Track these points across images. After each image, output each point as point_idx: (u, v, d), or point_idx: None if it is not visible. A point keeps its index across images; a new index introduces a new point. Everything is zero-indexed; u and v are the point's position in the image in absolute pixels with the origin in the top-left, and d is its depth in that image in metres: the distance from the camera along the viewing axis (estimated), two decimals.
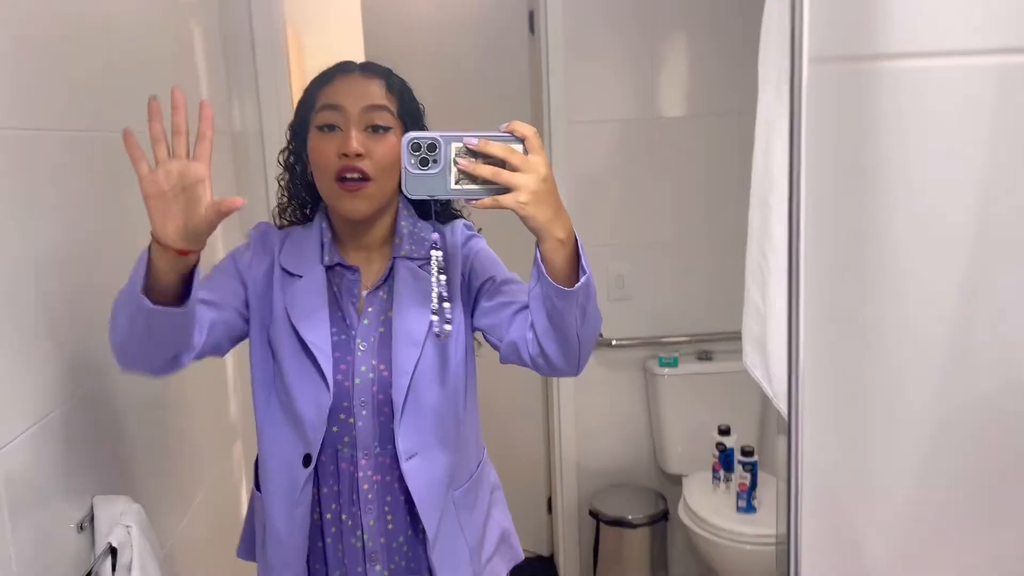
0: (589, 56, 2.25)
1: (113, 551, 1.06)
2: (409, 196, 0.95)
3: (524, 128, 0.93)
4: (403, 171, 0.93)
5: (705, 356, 2.36)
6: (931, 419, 0.74)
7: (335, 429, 1.16)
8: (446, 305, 1.09)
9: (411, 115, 1.18)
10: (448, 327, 1.09)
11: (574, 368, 1.09)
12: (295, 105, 1.22)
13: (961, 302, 0.73)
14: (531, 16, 2.33)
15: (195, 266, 0.97)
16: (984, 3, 0.68)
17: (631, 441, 2.46)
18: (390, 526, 1.18)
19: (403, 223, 1.20)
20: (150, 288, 0.94)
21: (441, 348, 1.16)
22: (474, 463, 1.27)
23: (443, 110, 2.50)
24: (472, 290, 1.18)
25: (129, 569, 1.06)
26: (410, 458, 1.15)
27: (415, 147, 0.92)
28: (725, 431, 2.14)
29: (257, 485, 1.24)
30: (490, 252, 1.21)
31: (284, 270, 1.18)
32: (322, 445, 1.16)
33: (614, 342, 2.36)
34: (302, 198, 1.23)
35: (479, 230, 1.26)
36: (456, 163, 0.92)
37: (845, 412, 0.74)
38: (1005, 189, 0.72)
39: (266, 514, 1.20)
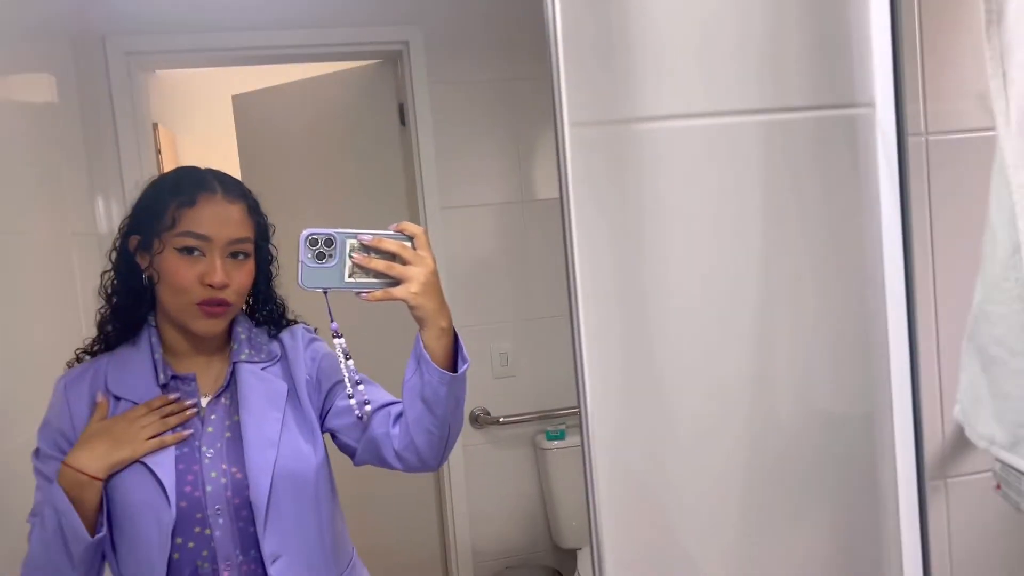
0: (459, 143, 2.34)
1: None
2: (304, 288, 0.99)
3: (413, 227, 1.03)
4: (300, 264, 0.98)
5: None
6: (736, 442, 0.84)
7: (191, 545, 1.10)
8: (360, 388, 1.12)
9: (264, 236, 1.20)
10: (368, 407, 1.12)
11: (438, 461, 1.13)
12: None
13: (754, 341, 0.84)
14: (401, 108, 2.41)
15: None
16: (710, 73, 0.81)
17: (525, 519, 2.45)
18: None
19: (239, 329, 1.21)
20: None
21: (299, 448, 1.15)
22: (343, 561, 1.23)
23: (320, 202, 2.55)
24: (322, 392, 1.19)
25: None
26: (275, 561, 1.11)
27: (312, 242, 0.98)
28: None
29: None
30: (334, 354, 1.19)
31: (116, 396, 1.13)
32: (179, 567, 1.10)
33: (501, 419, 2.38)
34: (129, 306, 1.17)
35: (315, 329, 1.28)
36: (351, 257, 0.99)
37: (647, 430, 0.84)
38: (764, 233, 0.84)
39: None
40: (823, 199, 0.83)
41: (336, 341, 1.07)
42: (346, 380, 1.09)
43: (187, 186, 1.13)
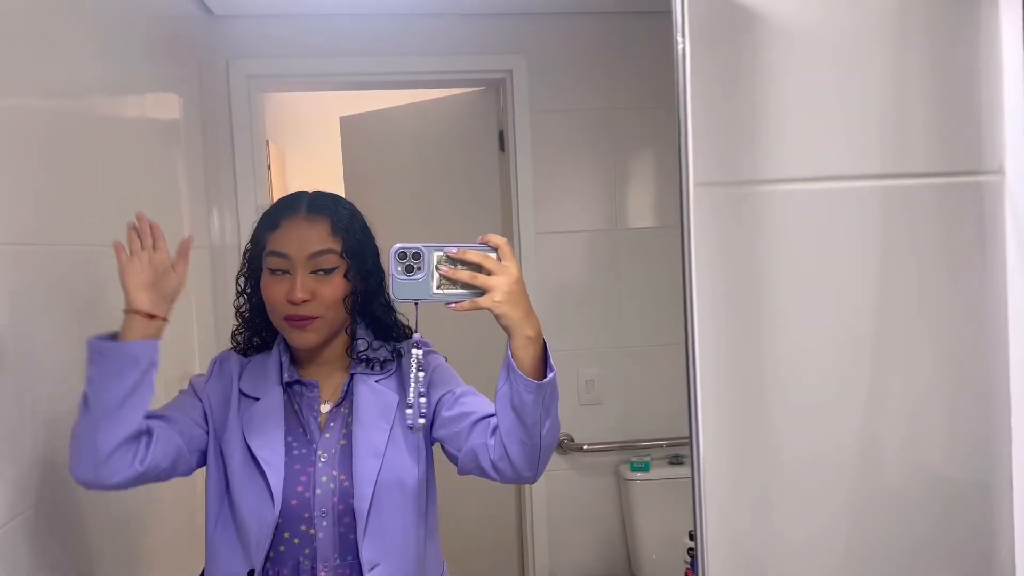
0: (556, 170, 2.37)
1: None
2: (396, 299, 1.05)
3: (497, 239, 1.05)
4: (391, 278, 1.03)
5: (676, 460, 2.38)
6: (842, 506, 0.83)
7: (296, 541, 1.17)
8: (422, 400, 1.12)
9: (357, 249, 1.23)
10: (422, 420, 1.12)
11: (534, 471, 1.13)
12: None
13: (864, 405, 0.84)
14: (501, 134, 2.45)
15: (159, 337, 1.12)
16: (831, 137, 0.82)
17: (604, 548, 2.44)
18: None
19: (359, 342, 1.26)
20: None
21: (402, 460, 1.20)
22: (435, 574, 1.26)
23: (419, 221, 2.62)
24: (432, 403, 1.23)
25: None
26: (372, 568, 1.16)
27: (402, 256, 1.02)
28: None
29: None
30: (447, 366, 1.28)
31: (243, 393, 1.23)
32: (283, 558, 1.17)
33: (585, 447, 2.38)
34: (256, 323, 1.28)
35: (432, 346, 1.32)
36: (438, 269, 1.03)
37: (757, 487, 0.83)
38: (881, 297, 0.84)
39: None
40: (944, 263, 0.81)
41: (414, 352, 1.09)
42: (410, 391, 1.10)
43: (276, 212, 1.24)
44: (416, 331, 1.11)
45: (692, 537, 2.29)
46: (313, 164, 3.32)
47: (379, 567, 1.17)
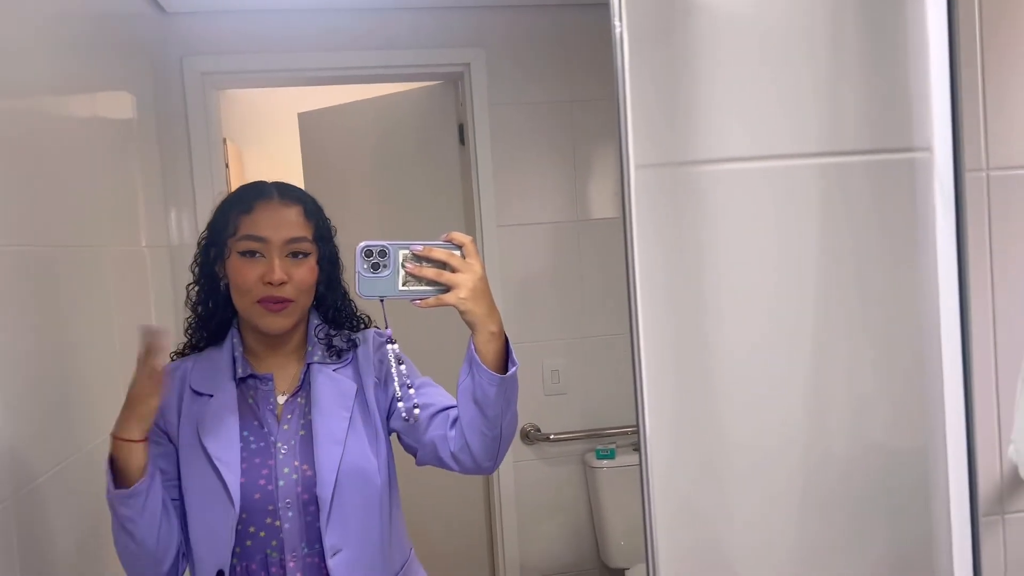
0: (516, 163, 2.38)
1: None
2: (362, 296, 1.05)
3: (462, 237, 1.07)
4: (356, 275, 1.04)
5: None
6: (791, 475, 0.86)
7: (262, 534, 1.18)
8: (411, 391, 1.18)
9: (324, 237, 1.26)
10: (417, 411, 1.18)
11: (492, 461, 1.17)
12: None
13: (808, 378, 0.88)
14: (460, 128, 2.46)
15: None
16: (769, 117, 0.84)
17: (573, 536, 2.47)
18: None
19: (314, 332, 1.27)
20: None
21: (362, 447, 1.21)
22: (399, 560, 1.28)
23: (379, 216, 2.61)
24: (388, 394, 1.25)
25: None
26: (335, 554, 1.18)
27: (368, 253, 1.04)
28: None
29: None
30: (403, 357, 1.27)
31: (194, 391, 1.22)
32: (250, 552, 1.18)
33: (552, 436, 2.40)
34: (211, 312, 1.26)
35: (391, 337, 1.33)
36: (404, 267, 1.04)
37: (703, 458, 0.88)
38: (820, 272, 0.87)
39: None
40: (880, 240, 0.85)
41: (389, 347, 1.13)
42: (395, 385, 1.15)
43: (247, 196, 1.23)
44: (388, 327, 1.12)
45: None
46: (272, 161, 3.29)
47: (342, 552, 1.18)
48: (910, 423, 0.85)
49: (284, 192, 1.24)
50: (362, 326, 1.33)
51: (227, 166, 2.64)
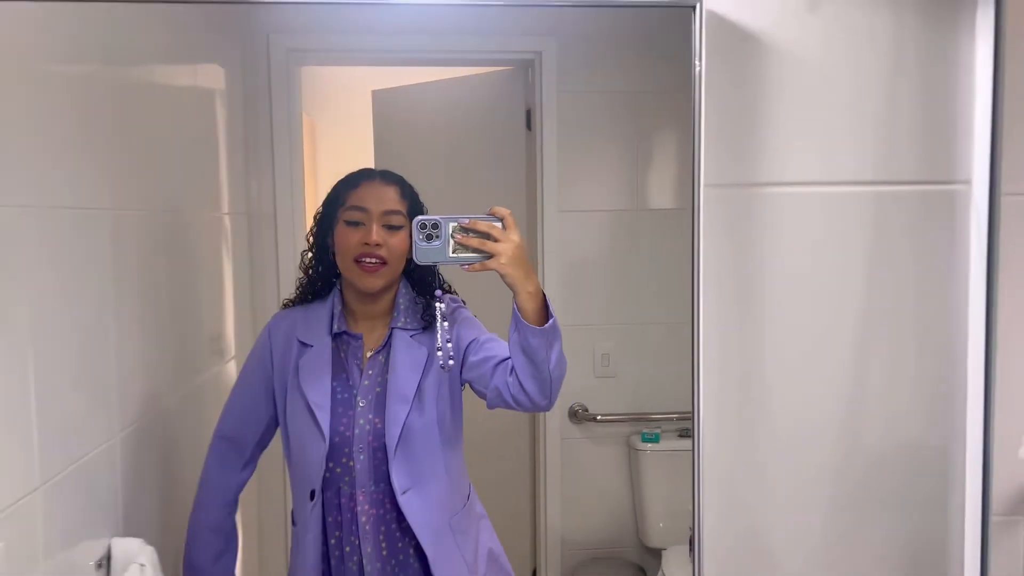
0: (580, 150, 2.44)
1: None
2: (417, 262, 1.25)
3: (502, 210, 1.26)
4: (413, 244, 1.23)
5: (686, 433, 2.47)
6: (827, 466, 0.96)
7: (338, 470, 1.42)
8: (448, 345, 1.40)
9: (416, 213, 1.47)
10: (451, 362, 1.41)
11: (547, 400, 1.35)
12: (306, 190, 1.60)
13: (848, 381, 0.98)
14: (528, 113, 2.53)
15: None
16: (829, 147, 0.97)
17: (614, 515, 2.55)
18: (384, 552, 1.44)
19: (401, 300, 1.48)
20: None
21: (425, 406, 1.44)
22: (463, 496, 1.52)
23: (445, 194, 2.70)
24: (460, 349, 1.46)
25: None
26: (405, 492, 1.41)
27: (422, 226, 1.23)
28: None
29: (293, 520, 1.52)
30: (473, 318, 1.51)
31: (299, 341, 1.47)
32: (327, 483, 1.42)
33: (599, 417, 2.48)
34: (320, 274, 1.51)
35: (463, 302, 1.57)
36: (453, 237, 1.23)
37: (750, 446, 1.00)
38: (866, 286, 0.98)
39: (293, 541, 1.48)
40: (918, 261, 0.95)
41: (437, 305, 1.40)
42: (438, 337, 1.37)
43: (356, 177, 1.49)
44: (438, 289, 1.42)
45: None
46: (343, 136, 3.40)
47: (411, 491, 1.41)
48: (935, 422, 0.94)
49: (385, 175, 1.49)
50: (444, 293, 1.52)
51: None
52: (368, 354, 1.47)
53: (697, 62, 0.91)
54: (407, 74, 2.80)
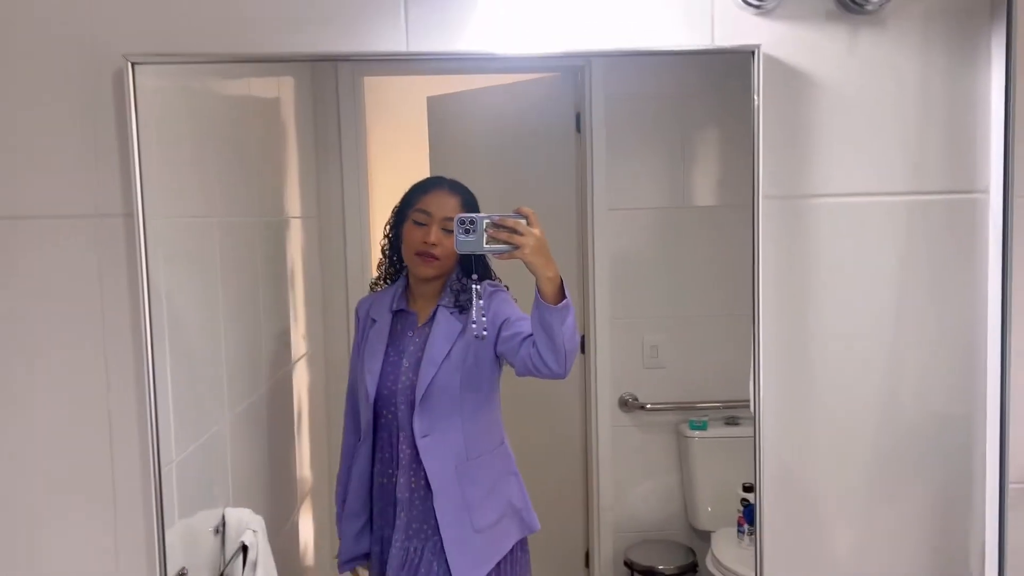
0: (628, 151, 2.56)
1: (244, 549, 1.32)
2: (458, 252, 1.59)
3: (527, 210, 1.61)
4: (455, 237, 1.55)
5: (732, 421, 2.58)
6: (868, 441, 1.12)
7: (388, 416, 1.79)
8: (484, 319, 1.72)
9: None
10: (485, 332, 1.73)
11: (562, 368, 1.69)
12: (372, 191, 1.93)
13: (886, 365, 1.14)
14: (577, 117, 2.65)
15: None
16: (868, 160, 1.18)
17: (664, 499, 2.66)
18: (413, 484, 1.78)
19: (450, 284, 1.86)
20: None
21: (450, 369, 1.78)
22: (480, 449, 1.83)
23: (497, 195, 2.82)
24: (495, 325, 1.79)
25: (255, 567, 1.32)
26: (424, 437, 1.75)
27: (462, 222, 1.56)
28: (749, 488, 2.34)
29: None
30: (510, 300, 1.85)
31: (371, 318, 1.86)
32: (380, 426, 1.79)
33: (648, 406, 2.59)
34: (392, 260, 1.91)
35: (506, 287, 1.90)
36: (486, 231, 1.54)
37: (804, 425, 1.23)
38: (899, 284, 1.14)
39: (345, 473, 1.83)
40: (945, 262, 1.11)
41: (474, 287, 1.71)
42: (473, 312, 1.69)
43: (429, 184, 1.92)
44: (475, 275, 1.75)
45: (746, 489, 2.50)
46: (397, 142, 3.55)
47: (428, 436, 1.75)
48: (960, 396, 1.10)
49: (453, 185, 1.91)
50: (488, 279, 1.85)
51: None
52: (417, 326, 1.81)
53: (755, 96, 1.10)
54: (458, 80, 2.93)
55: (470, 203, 1.84)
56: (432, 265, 1.76)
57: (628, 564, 2.56)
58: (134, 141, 1.21)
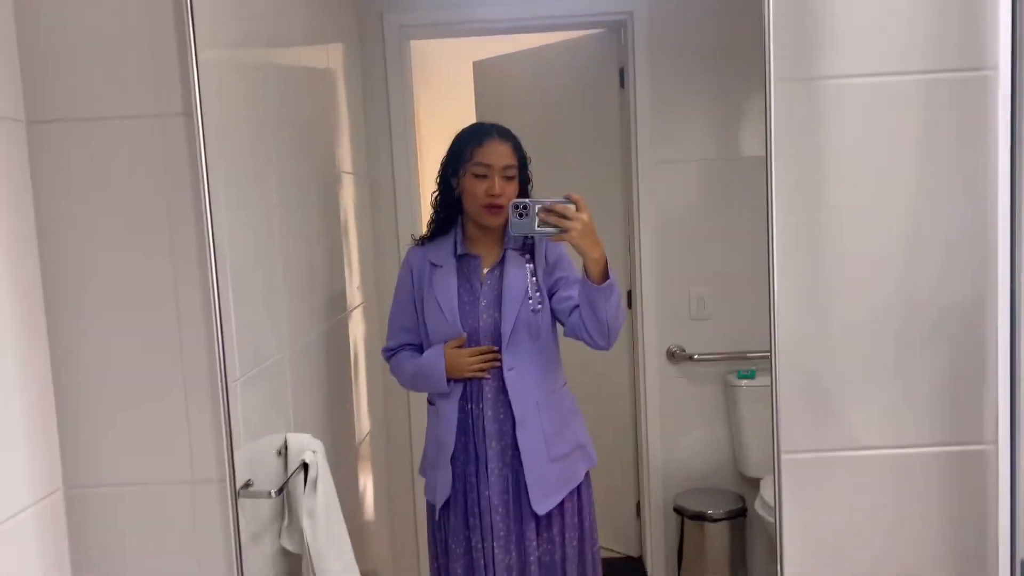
0: (672, 105, 2.58)
1: (305, 467, 1.42)
2: (512, 235, 1.72)
3: (575, 196, 1.66)
4: (508, 220, 1.65)
5: None
6: (888, 331, 1.14)
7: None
8: (538, 294, 1.85)
9: (524, 165, 1.91)
10: (540, 306, 1.86)
11: (605, 342, 1.79)
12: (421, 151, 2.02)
13: (904, 252, 1.17)
14: (621, 72, 2.68)
15: None
16: (883, 39, 1.14)
17: (712, 448, 2.70)
18: (500, 415, 1.87)
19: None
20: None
21: (529, 307, 1.86)
22: (552, 386, 1.92)
23: (544, 155, 2.88)
24: (552, 276, 1.89)
25: (315, 484, 1.43)
26: (510, 370, 1.85)
27: (516, 207, 1.65)
28: None
29: (430, 401, 1.97)
30: (568, 257, 1.89)
31: (431, 263, 1.89)
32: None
33: (696, 356, 2.63)
34: (444, 211, 1.93)
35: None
36: (539, 215, 1.63)
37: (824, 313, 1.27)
38: (917, 166, 1.17)
39: (432, 414, 1.95)
40: (960, 140, 1.12)
41: (527, 267, 1.84)
42: (528, 284, 1.82)
43: (478, 135, 1.88)
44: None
45: None
46: (444, 105, 3.63)
47: (514, 369, 1.85)
48: (976, 284, 1.15)
49: (501, 132, 1.88)
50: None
51: None
52: (485, 269, 1.89)
53: None
54: (502, 42, 2.99)
55: (519, 148, 1.86)
56: (499, 214, 1.80)
57: (678, 510, 2.62)
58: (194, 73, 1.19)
